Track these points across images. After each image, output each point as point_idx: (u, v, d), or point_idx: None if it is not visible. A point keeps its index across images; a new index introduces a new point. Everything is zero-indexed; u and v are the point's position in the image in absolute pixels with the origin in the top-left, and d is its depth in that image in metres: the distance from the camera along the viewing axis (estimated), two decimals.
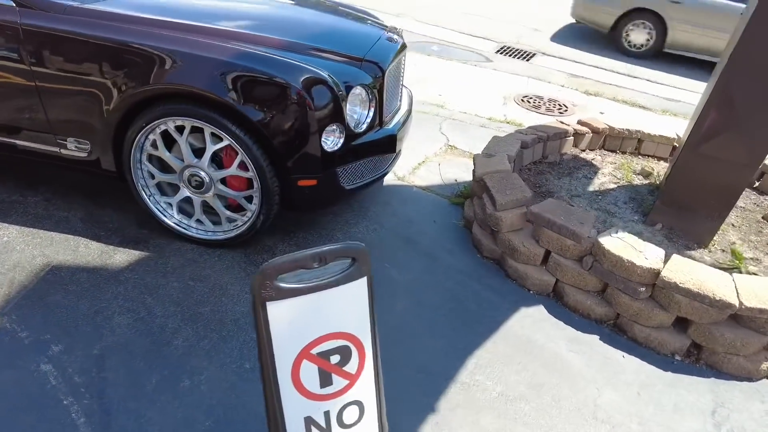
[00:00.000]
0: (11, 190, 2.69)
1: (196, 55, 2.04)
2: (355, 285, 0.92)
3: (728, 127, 2.31)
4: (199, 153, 2.25)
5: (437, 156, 3.64)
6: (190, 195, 2.35)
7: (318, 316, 0.91)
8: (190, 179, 2.29)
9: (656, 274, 2.10)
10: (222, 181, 2.30)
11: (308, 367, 0.93)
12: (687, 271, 2.09)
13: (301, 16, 2.64)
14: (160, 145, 2.25)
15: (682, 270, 2.10)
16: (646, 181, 3.08)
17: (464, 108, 4.52)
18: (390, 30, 2.80)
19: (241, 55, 2.05)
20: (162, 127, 2.20)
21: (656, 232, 2.60)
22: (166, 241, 2.46)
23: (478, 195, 2.75)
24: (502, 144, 2.99)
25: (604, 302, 2.29)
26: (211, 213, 2.43)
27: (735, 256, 2.48)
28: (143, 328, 2.01)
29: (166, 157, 2.27)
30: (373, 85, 2.38)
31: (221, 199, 2.36)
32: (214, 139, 2.19)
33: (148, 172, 2.35)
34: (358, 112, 2.38)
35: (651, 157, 3.43)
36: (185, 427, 1.68)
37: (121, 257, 2.35)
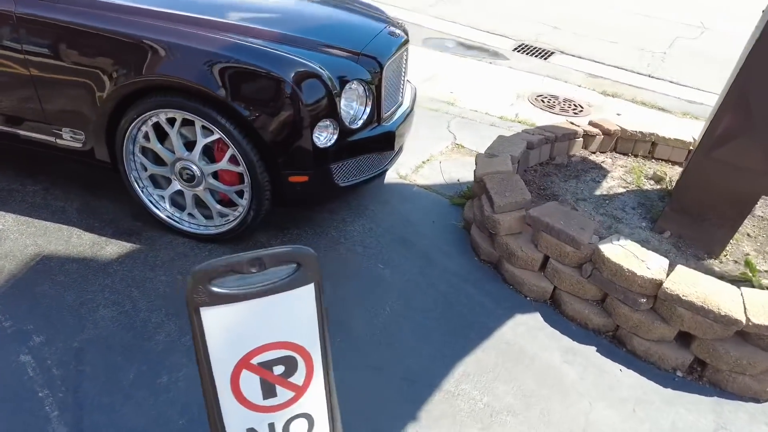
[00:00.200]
0: (11, 179, 2.70)
1: (185, 46, 2.01)
2: (301, 292, 0.86)
3: (743, 132, 2.17)
4: (192, 146, 2.22)
5: (443, 155, 3.55)
6: (181, 188, 2.33)
7: (258, 325, 0.85)
8: (182, 172, 2.26)
9: (658, 285, 1.98)
10: (213, 175, 2.27)
11: (249, 377, 0.88)
12: (691, 282, 1.98)
13: (300, 8, 2.58)
14: (152, 136, 2.22)
15: (686, 281, 1.98)
16: (658, 187, 2.94)
17: (475, 106, 4.41)
18: (393, 24, 2.72)
19: (230, 47, 2.01)
20: (154, 119, 2.18)
21: (664, 240, 2.48)
22: (158, 234, 2.44)
23: (478, 196, 2.66)
24: (506, 144, 2.90)
25: (604, 312, 2.19)
26: (204, 207, 2.40)
27: (748, 268, 2.35)
28: (126, 322, 1.99)
29: (158, 149, 2.24)
30: (371, 80, 2.32)
31: (213, 193, 2.33)
32: (205, 132, 2.15)
33: (141, 164, 2.33)
34: (354, 107, 2.32)
35: (665, 161, 3.28)
36: (158, 425, 1.65)
37: (112, 249, 2.34)
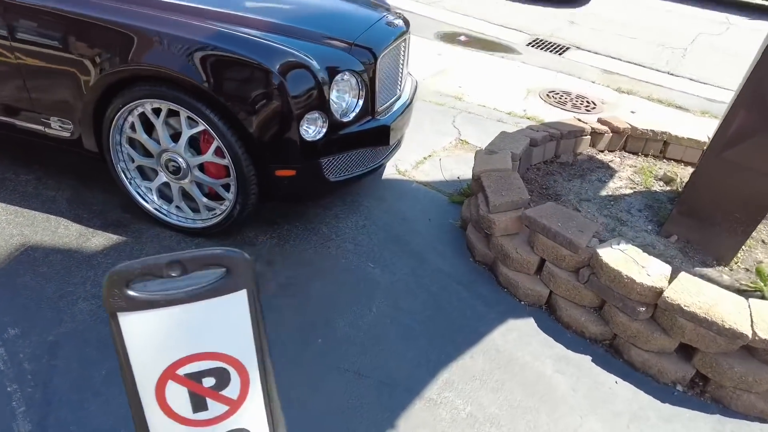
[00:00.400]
0: (5, 168, 2.69)
1: (169, 34, 1.94)
2: (230, 299, 0.78)
3: (758, 131, 2.03)
4: (179, 137, 2.16)
5: (445, 150, 3.45)
6: (168, 180, 2.28)
7: (183, 333, 0.78)
8: (167, 164, 2.21)
9: (658, 293, 1.86)
10: (200, 168, 2.21)
11: (176, 389, 0.81)
12: (694, 291, 1.85)
13: None
14: (138, 127, 2.17)
15: (689, 290, 1.86)
16: (668, 188, 2.80)
17: (483, 101, 4.29)
18: (392, 13, 2.62)
19: (214, 36, 1.94)
20: (139, 109, 2.12)
21: (670, 245, 2.35)
22: (146, 227, 2.40)
23: (475, 194, 2.56)
24: (508, 140, 2.78)
25: (601, 320, 2.07)
26: (192, 200, 2.34)
27: (760, 277, 2.21)
28: (104, 316, 1.94)
29: (143, 140, 2.19)
30: (364, 72, 2.23)
31: (201, 186, 2.27)
32: (191, 123, 2.09)
33: (128, 155, 2.29)
34: (347, 99, 2.23)
35: (677, 161, 3.13)
36: (124, 424, 1.60)
37: (98, 240, 2.30)
